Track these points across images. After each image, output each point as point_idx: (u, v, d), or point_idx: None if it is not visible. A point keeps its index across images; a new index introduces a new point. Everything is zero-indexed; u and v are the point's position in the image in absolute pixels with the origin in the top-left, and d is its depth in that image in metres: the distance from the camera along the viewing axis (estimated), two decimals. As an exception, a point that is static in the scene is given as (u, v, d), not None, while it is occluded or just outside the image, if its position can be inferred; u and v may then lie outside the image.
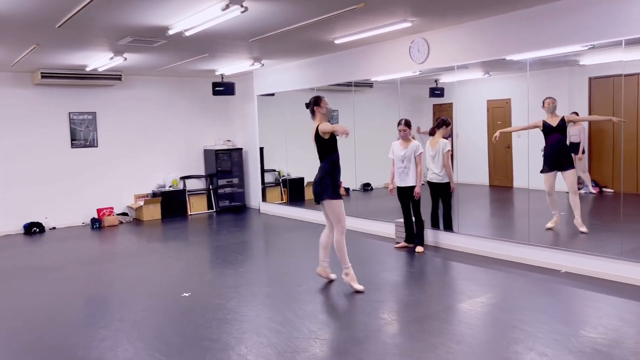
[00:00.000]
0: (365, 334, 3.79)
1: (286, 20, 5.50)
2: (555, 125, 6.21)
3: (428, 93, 8.52)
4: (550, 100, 6.32)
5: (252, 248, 7.11)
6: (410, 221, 6.43)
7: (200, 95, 10.33)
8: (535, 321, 3.90)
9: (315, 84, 8.60)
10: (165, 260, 6.44)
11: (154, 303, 4.73)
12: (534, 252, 5.51)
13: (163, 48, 6.76)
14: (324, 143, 4.78)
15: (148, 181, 9.84)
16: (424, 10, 5.39)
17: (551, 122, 6.26)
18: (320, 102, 4.83)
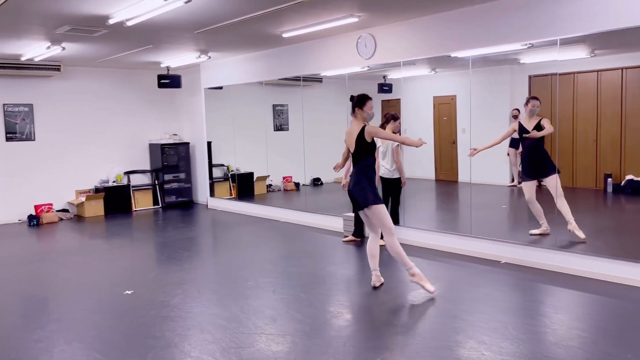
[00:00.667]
0: (312, 327, 3.80)
1: (233, 12, 5.42)
2: (531, 129, 5.72)
3: (377, 89, 8.61)
4: (536, 102, 5.74)
5: (199, 244, 6.99)
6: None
7: (146, 88, 10.03)
8: (476, 311, 4.02)
9: (263, 77, 8.53)
10: (107, 258, 6.24)
11: (94, 302, 4.57)
12: (477, 244, 5.68)
13: (104, 38, 6.52)
14: (364, 146, 4.45)
15: (90, 176, 9.48)
16: (371, 6, 5.44)
17: (527, 125, 5.76)
18: (364, 104, 4.47)
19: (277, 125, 9.95)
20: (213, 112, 9.87)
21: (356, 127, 4.49)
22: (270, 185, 9.94)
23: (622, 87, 7.41)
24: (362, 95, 4.55)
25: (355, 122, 4.53)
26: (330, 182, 9.99)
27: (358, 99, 4.52)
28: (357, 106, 4.50)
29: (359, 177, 4.51)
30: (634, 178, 7.33)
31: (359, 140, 4.44)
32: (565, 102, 7.68)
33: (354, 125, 4.52)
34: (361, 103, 4.49)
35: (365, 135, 4.43)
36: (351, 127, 4.56)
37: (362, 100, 4.51)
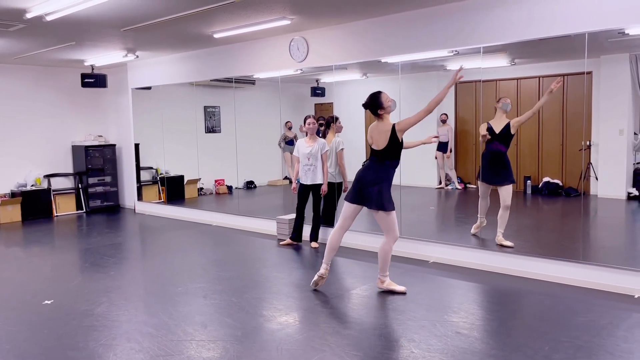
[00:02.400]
0: (244, 332, 3.74)
1: (162, 11, 5.26)
2: (498, 131, 5.55)
3: (310, 92, 8.66)
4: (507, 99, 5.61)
5: (126, 250, 6.71)
6: (302, 219, 6.43)
7: (68, 87, 9.53)
8: (405, 310, 4.12)
9: (194, 78, 8.34)
10: (25, 267, 5.86)
11: (9, 313, 4.27)
12: (406, 245, 5.82)
13: (22, 33, 6.13)
14: (396, 145, 4.32)
15: (6, 180, 8.88)
16: (303, 9, 5.46)
17: (497, 127, 5.58)
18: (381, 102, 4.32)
19: (208, 127, 9.77)
20: (141, 113, 9.54)
21: (386, 126, 4.32)
22: (201, 188, 9.74)
23: (539, 94, 7.87)
24: (373, 95, 4.37)
25: (382, 121, 4.36)
26: (263, 185, 9.93)
27: (372, 102, 4.35)
28: (378, 109, 4.33)
29: (379, 177, 4.35)
30: (550, 180, 7.80)
31: (392, 139, 4.29)
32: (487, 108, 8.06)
33: (381, 124, 4.35)
34: (378, 104, 4.33)
35: (397, 134, 4.29)
36: (377, 125, 4.37)
37: (375, 100, 4.34)
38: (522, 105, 8.03)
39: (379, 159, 4.38)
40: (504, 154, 5.58)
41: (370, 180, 4.38)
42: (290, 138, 9.07)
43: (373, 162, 4.42)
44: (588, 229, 6.30)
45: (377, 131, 4.38)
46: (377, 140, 4.37)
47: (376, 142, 4.39)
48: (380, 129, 4.37)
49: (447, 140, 8.53)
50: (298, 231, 6.47)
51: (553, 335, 3.57)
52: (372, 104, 4.37)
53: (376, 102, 4.35)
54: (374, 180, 4.36)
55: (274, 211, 7.63)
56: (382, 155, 4.37)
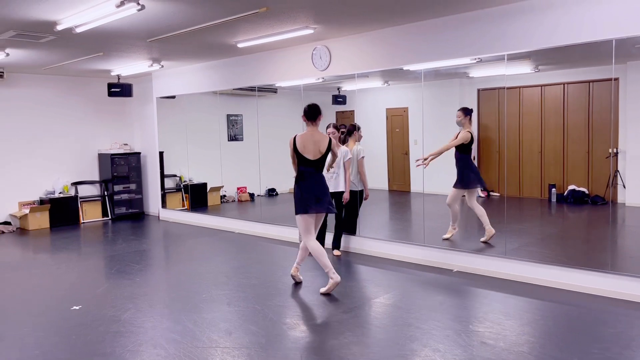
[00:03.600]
0: (267, 339, 3.76)
1: (186, 21, 5.36)
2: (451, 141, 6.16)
3: (331, 100, 8.69)
4: (457, 112, 6.16)
5: (150, 257, 6.81)
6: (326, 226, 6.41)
7: (95, 97, 9.74)
8: (429, 319, 4.09)
9: (218, 87, 8.46)
10: (53, 273, 5.98)
11: (39, 319, 4.36)
12: (429, 253, 5.79)
13: (52, 44, 6.30)
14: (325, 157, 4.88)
15: (35, 187, 9.10)
16: (326, 19, 5.50)
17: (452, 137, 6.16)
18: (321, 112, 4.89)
19: (231, 135, 9.86)
20: (165, 121, 9.69)
21: (322, 137, 4.84)
22: (224, 196, 9.83)
23: (564, 101, 7.78)
24: (315, 105, 4.87)
25: (317, 131, 4.86)
26: (285, 193, 9.97)
27: (316, 110, 4.86)
28: (319, 114, 4.83)
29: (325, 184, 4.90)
30: (576, 188, 7.68)
31: (328, 151, 4.85)
32: (511, 115, 7.99)
33: (317, 134, 4.83)
34: (320, 111, 4.86)
35: (333, 148, 4.91)
36: (313, 135, 4.83)
37: (318, 108, 4.86)
38: (547, 112, 7.94)
39: (316, 169, 4.81)
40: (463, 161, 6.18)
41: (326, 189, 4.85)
42: (311, 146, 9.09)
43: (314, 173, 4.81)
44: (615, 238, 6.18)
45: (311, 141, 4.78)
46: (312, 150, 4.77)
47: (311, 152, 4.77)
48: (315, 139, 4.79)
49: (470, 147, 8.45)
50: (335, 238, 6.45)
51: (582, 346, 3.51)
52: (316, 111, 4.83)
53: (318, 110, 4.84)
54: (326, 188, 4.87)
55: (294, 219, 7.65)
56: (318, 165, 4.82)
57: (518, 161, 8.12)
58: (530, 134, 8.10)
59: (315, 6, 4.98)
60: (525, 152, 8.12)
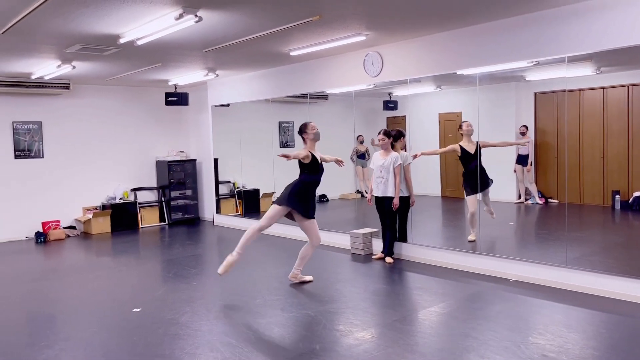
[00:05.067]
0: (322, 345, 3.77)
1: (241, 31, 5.48)
2: (473, 152, 6.29)
3: (382, 106, 8.65)
4: (467, 123, 6.35)
5: (205, 261, 6.97)
6: (388, 232, 6.36)
7: (153, 106, 10.12)
8: (486, 329, 3.99)
9: (270, 95, 8.59)
10: (114, 275, 6.23)
11: (102, 320, 4.55)
12: (485, 262, 5.65)
13: (114, 57, 6.60)
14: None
15: (97, 193, 9.52)
16: (378, 25, 5.49)
17: (469, 148, 6.32)
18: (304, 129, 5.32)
19: (282, 141, 9.98)
20: (220, 129, 9.93)
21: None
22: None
23: (628, 104, 7.42)
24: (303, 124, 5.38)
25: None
26: (335, 199, 9.99)
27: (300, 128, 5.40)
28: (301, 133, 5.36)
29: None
30: (642, 195, 7.30)
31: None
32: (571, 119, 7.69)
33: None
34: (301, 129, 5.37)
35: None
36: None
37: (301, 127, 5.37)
38: (609, 115, 7.60)
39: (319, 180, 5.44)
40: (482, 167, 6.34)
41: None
42: (361, 152, 9.08)
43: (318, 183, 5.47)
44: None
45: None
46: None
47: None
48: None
49: (527, 153, 8.21)
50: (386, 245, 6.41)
51: (651, 362, 3.33)
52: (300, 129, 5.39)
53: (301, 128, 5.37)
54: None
55: (346, 225, 7.66)
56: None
57: (578, 167, 7.80)
58: (591, 138, 7.77)
59: (368, 13, 4.99)
60: (586, 157, 7.79)
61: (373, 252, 6.69)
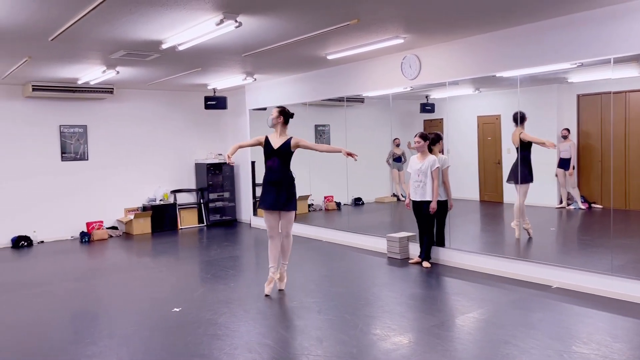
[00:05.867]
0: (358, 349, 3.77)
1: (280, 36, 5.54)
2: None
3: (419, 109, 8.58)
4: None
5: (243, 263, 7.06)
6: (426, 237, 6.31)
7: (192, 109, 10.33)
8: (527, 337, 3.90)
9: (307, 98, 8.65)
10: (155, 275, 6.38)
11: (143, 318, 4.67)
12: (525, 268, 5.52)
13: (156, 62, 6.77)
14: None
15: (138, 195, 9.78)
16: (416, 27, 5.46)
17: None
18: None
19: (318, 145, 10.02)
20: (257, 132, 10.02)
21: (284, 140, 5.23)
22: (311, 204, 9.99)
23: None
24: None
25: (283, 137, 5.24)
26: (371, 202, 9.96)
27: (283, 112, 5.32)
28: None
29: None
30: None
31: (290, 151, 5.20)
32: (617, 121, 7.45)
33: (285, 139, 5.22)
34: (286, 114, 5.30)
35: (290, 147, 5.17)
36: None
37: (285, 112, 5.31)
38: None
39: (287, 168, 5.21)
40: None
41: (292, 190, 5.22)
42: (398, 155, 9.03)
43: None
44: None
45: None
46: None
47: None
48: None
49: (569, 156, 7.99)
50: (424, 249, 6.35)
51: None
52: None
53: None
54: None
55: (382, 228, 7.62)
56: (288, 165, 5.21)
57: (624, 171, 7.53)
58: (638, 142, 7.50)
59: (406, 16, 4.96)
60: (632, 161, 7.52)
61: (410, 256, 6.65)
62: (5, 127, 8.49)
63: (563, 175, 8.09)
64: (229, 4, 4.30)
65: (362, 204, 9.95)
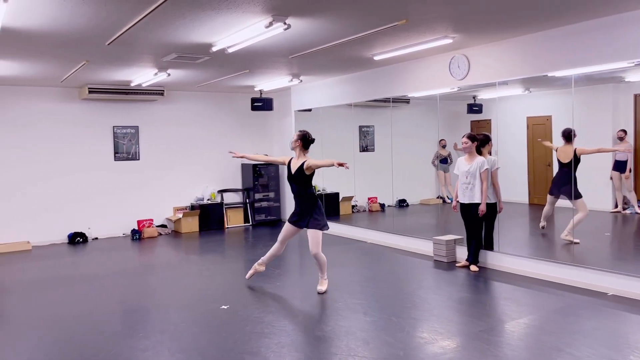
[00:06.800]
0: (405, 352, 3.74)
1: (327, 37, 5.56)
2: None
3: (466, 109, 8.44)
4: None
5: (288, 262, 7.13)
6: (474, 240, 6.20)
7: (239, 111, 10.51)
8: (581, 345, 3.77)
9: (352, 99, 8.65)
10: (202, 273, 6.52)
11: (193, 315, 4.79)
12: (579, 274, 5.35)
13: (205, 64, 6.92)
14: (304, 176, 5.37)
15: (187, 194, 10.03)
16: (466, 27, 5.37)
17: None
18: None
19: (362, 146, 10.00)
20: (302, 133, 10.10)
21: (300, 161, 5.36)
22: (355, 205, 9.98)
23: None
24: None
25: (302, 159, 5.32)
26: (416, 204, 9.86)
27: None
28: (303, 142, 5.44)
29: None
30: None
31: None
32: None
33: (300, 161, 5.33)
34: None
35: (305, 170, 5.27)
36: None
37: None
38: None
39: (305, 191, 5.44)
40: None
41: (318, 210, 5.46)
42: (443, 156, 8.90)
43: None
44: None
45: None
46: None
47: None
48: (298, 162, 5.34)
49: (626, 159, 7.67)
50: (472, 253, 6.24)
51: None
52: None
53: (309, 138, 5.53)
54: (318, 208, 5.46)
55: (428, 231, 7.53)
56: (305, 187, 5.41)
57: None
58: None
59: (456, 16, 4.89)
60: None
61: (457, 260, 6.54)
62: (63, 128, 8.87)
63: (619, 179, 7.77)
64: (278, 7, 4.35)
65: (406, 205, 9.86)
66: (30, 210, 8.64)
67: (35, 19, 4.49)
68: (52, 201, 8.80)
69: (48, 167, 8.78)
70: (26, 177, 8.62)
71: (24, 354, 3.96)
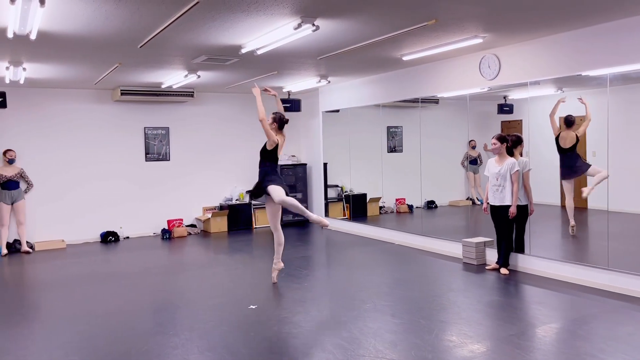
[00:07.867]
0: (433, 355, 3.71)
1: (356, 38, 5.56)
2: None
3: (496, 110, 8.30)
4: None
5: (315, 263, 7.14)
6: (504, 243, 6.09)
7: (267, 112, 10.53)
8: (616, 351, 3.68)
9: (380, 100, 8.61)
10: (231, 272, 6.59)
11: (221, 313, 4.84)
12: (614, 278, 5.21)
13: (235, 66, 7.00)
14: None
15: (216, 194, 10.15)
16: (496, 26, 5.29)
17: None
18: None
19: (390, 146, 9.95)
20: (329, 134, 10.13)
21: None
22: (382, 206, 9.93)
23: None
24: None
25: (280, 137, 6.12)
26: (444, 205, 9.75)
27: None
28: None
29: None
30: None
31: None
32: None
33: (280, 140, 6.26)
34: None
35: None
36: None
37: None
38: None
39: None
40: None
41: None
42: (473, 157, 8.78)
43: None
44: None
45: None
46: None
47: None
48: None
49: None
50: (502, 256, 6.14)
51: None
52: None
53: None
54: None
55: (456, 233, 7.45)
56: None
57: None
58: None
59: (486, 15, 4.83)
60: None
61: (487, 262, 6.45)
62: (97, 130, 9.09)
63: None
64: (307, 8, 4.37)
65: (435, 207, 9.76)
66: (66, 210, 8.87)
67: (70, 23, 4.61)
68: (87, 202, 9.01)
69: (83, 171, 8.98)
70: (63, 181, 8.84)
71: (60, 348, 4.07)
